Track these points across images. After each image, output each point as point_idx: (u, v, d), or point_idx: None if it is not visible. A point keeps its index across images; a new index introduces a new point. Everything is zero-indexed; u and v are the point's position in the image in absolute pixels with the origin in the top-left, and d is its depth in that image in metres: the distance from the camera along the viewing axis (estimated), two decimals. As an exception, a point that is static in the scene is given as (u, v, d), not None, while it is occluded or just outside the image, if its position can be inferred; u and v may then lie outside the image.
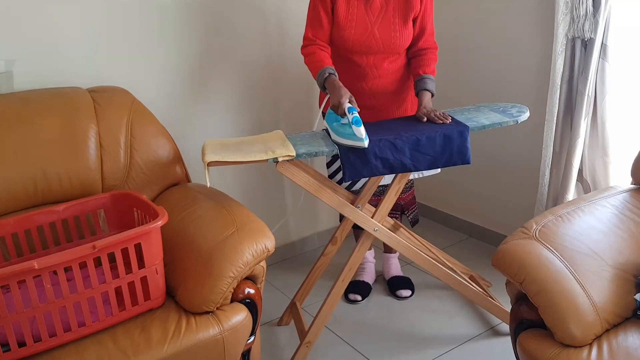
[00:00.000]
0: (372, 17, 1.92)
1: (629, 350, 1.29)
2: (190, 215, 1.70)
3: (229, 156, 1.65)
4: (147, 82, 2.15)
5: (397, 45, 1.96)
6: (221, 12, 2.27)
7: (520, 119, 1.84)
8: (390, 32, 1.94)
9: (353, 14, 1.91)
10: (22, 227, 1.63)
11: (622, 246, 1.48)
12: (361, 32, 1.93)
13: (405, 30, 1.96)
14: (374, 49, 1.96)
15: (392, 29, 1.94)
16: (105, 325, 1.45)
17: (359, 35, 1.93)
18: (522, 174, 2.52)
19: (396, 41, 1.95)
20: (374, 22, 1.92)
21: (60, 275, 1.34)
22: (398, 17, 1.94)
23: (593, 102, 2.06)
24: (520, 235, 1.49)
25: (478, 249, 2.74)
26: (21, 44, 1.87)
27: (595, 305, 1.34)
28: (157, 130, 1.93)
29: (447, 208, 2.99)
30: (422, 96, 1.95)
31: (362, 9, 1.92)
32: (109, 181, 1.84)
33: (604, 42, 1.99)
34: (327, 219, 2.85)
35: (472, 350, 2.03)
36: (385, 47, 1.96)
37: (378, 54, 1.97)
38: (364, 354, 2.04)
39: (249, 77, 2.41)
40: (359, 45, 1.94)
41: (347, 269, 1.94)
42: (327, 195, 1.83)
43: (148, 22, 2.10)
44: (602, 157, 2.10)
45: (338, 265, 2.10)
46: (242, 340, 1.56)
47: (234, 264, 1.51)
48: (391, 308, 2.31)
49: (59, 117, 1.76)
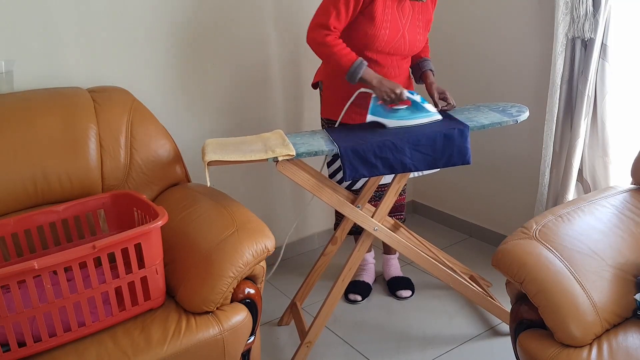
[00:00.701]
0: (402, 19, 1.93)
1: (629, 350, 1.29)
2: (190, 215, 1.70)
3: (229, 156, 1.65)
4: (147, 82, 2.15)
5: (417, 49, 2.02)
6: (221, 12, 2.26)
7: (520, 118, 1.84)
8: (416, 36, 1.98)
9: (388, 14, 1.91)
10: (22, 227, 1.63)
11: (622, 246, 1.48)
12: (394, 33, 1.93)
13: (425, 35, 2.02)
14: (401, 51, 1.98)
15: (417, 32, 1.98)
16: (105, 325, 1.45)
17: (392, 37, 1.93)
18: (522, 174, 2.52)
19: (419, 45, 2.01)
20: (404, 24, 1.93)
21: (60, 275, 1.33)
22: (422, 21, 1.98)
23: (593, 102, 2.06)
24: (520, 235, 1.49)
25: (478, 249, 2.74)
26: (21, 44, 1.87)
27: (595, 305, 1.34)
28: (157, 130, 1.93)
29: (447, 208, 2.99)
30: (428, 76, 2.07)
31: (395, 11, 1.92)
32: (109, 181, 1.84)
33: (604, 42, 1.99)
34: (326, 219, 2.85)
35: (472, 350, 2.03)
36: (411, 49, 2.00)
37: (402, 55, 2.00)
38: (364, 354, 2.04)
39: (249, 77, 2.41)
40: (389, 46, 1.94)
41: (347, 269, 1.94)
42: (327, 195, 1.83)
43: (148, 22, 2.10)
44: (602, 157, 2.10)
45: (338, 265, 2.10)
46: (242, 340, 1.56)
47: (234, 264, 1.51)
48: (391, 308, 2.31)
49: (59, 117, 1.76)
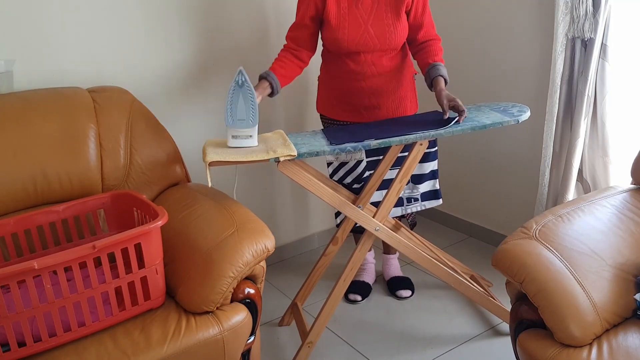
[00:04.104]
0: (364, 14, 1.90)
1: (629, 350, 1.29)
2: (190, 215, 1.70)
3: (230, 156, 1.65)
4: (147, 82, 2.15)
5: (392, 40, 1.93)
6: (221, 11, 2.26)
7: (521, 118, 1.84)
8: (384, 27, 1.91)
9: (344, 14, 1.89)
10: (22, 227, 1.63)
11: (622, 246, 1.48)
12: (355, 31, 1.90)
13: (399, 24, 1.92)
14: (370, 47, 1.93)
15: (386, 24, 1.91)
16: (105, 325, 1.45)
17: (353, 35, 1.90)
18: (522, 174, 2.52)
19: (391, 36, 1.92)
20: (366, 20, 1.90)
21: (60, 275, 1.33)
22: (390, 12, 1.91)
23: (593, 102, 2.06)
24: (520, 235, 1.49)
25: (478, 249, 2.74)
26: (21, 44, 1.87)
27: (595, 305, 1.34)
28: (157, 130, 1.93)
29: (447, 208, 2.99)
30: (439, 82, 1.89)
31: (353, 8, 1.89)
32: (109, 181, 1.84)
33: (604, 42, 1.99)
34: (327, 219, 2.85)
35: (472, 350, 2.03)
36: (381, 43, 1.93)
37: (375, 51, 1.95)
38: (364, 354, 2.04)
39: (249, 77, 2.40)
40: (354, 44, 1.92)
41: (349, 269, 1.94)
42: (328, 195, 1.83)
43: (148, 22, 2.10)
44: (602, 157, 2.10)
45: (338, 265, 2.10)
46: (242, 340, 1.56)
47: (234, 263, 1.51)
48: (391, 308, 2.31)
49: (59, 117, 1.76)
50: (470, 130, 1.79)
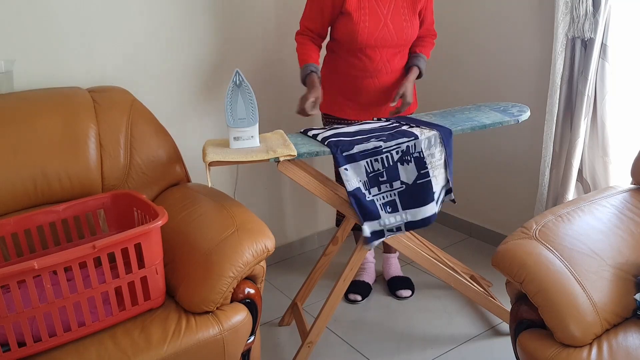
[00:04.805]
0: (383, 8, 1.92)
1: (629, 350, 1.29)
2: (190, 215, 1.70)
3: (230, 156, 1.65)
4: (146, 82, 2.15)
5: (409, 36, 1.98)
6: (221, 11, 2.27)
7: (521, 118, 1.84)
8: (402, 23, 1.95)
9: (365, 7, 1.90)
10: (22, 227, 1.63)
11: (622, 246, 1.48)
12: (375, 24, 1.92)
13: (415, 20, 1.98)
14: (388, 42, 1.95)
15: (404, 19, 1.95)
16: (105, 325, 1.45)
17: (373, 28, 1.92)
18: (522, 174, 2.52)
19: (408, 31, 1.96)
20: (386, 14, 1.92)
21: (60, 275, 1.33)
22: (407, 8, 1.95)
23: (593, 102, 2.06)
24: (520, 235, 1.49)
25: (478, 249, 2.74)
26: (21, 44, 1.87)
27: (595, 305, 1.34)
28: (157, 130, 1.93)
29: (447, 208, 2.98)
30: (411, 71, 2.02)
31: (373, 2, 1.91)
32: (109, 181, 1.84)
33: (604, 42, 1.99)
34: (327, 219, 2.85)
35: (472, 350, 2.03)
36: (399, 38, 1.96)
37: (391, 47, 1.98)
38: (364, 354, 2.04)
39: (249, 76, 2.40)
40: (373, 38, 1.93)
41: (349, 269, 1.94)
42: (328, 195, 1.83)
43: (148, 22, 2.10)
44: (602, 157, 2.10)
45: (338, 265, 2.10)
46: (242, 340, 1.56)
47: (234, 263, 1.51)
48: (391, 308, 2.31)
49: (59, 117, 1.76)
50: (470, 130, 1.79)
